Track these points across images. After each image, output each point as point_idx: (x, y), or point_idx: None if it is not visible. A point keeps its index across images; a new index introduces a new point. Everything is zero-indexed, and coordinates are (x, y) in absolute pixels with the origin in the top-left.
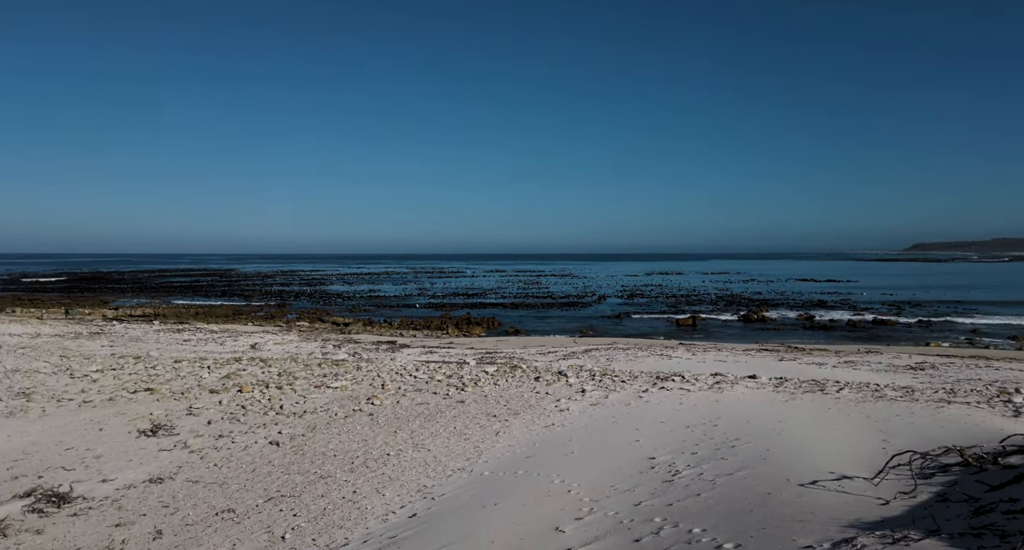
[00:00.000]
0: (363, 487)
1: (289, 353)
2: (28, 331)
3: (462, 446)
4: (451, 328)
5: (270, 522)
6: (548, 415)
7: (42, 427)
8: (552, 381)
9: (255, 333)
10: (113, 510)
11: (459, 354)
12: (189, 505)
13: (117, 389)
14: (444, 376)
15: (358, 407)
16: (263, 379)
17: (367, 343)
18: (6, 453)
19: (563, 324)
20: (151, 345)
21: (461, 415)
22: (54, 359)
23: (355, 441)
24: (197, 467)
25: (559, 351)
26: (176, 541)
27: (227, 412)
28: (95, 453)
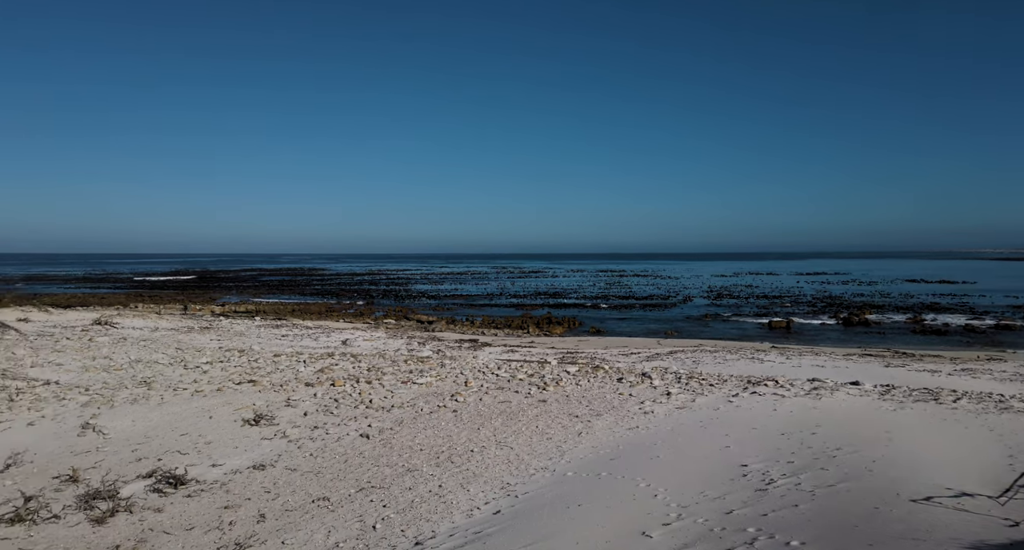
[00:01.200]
0: (448, 482)
1: (377, 349)
2: (148, 325)
3: (544, 445)
4: (532, 327)
5: (362, 511)
6: (632, 417)
7: (160, 413)
8: (635, 383)
9: (346, 330)
10: (222, 493)
11: (540, 353)
12: (288, 492)
13: (224, 380)
14: (526, 375)
15: (442, 403)
16: (354, 374)
17: (450, 341)
18: (131, 436)
19: (646, 325)
20: (253, 340)
21: (543, 414)
22: (170, 351)
23: (440, 436)
24: (295, 456)
25: (642, 352)
26: (277, 525)
27: (321, 404)
28: (206, 439)
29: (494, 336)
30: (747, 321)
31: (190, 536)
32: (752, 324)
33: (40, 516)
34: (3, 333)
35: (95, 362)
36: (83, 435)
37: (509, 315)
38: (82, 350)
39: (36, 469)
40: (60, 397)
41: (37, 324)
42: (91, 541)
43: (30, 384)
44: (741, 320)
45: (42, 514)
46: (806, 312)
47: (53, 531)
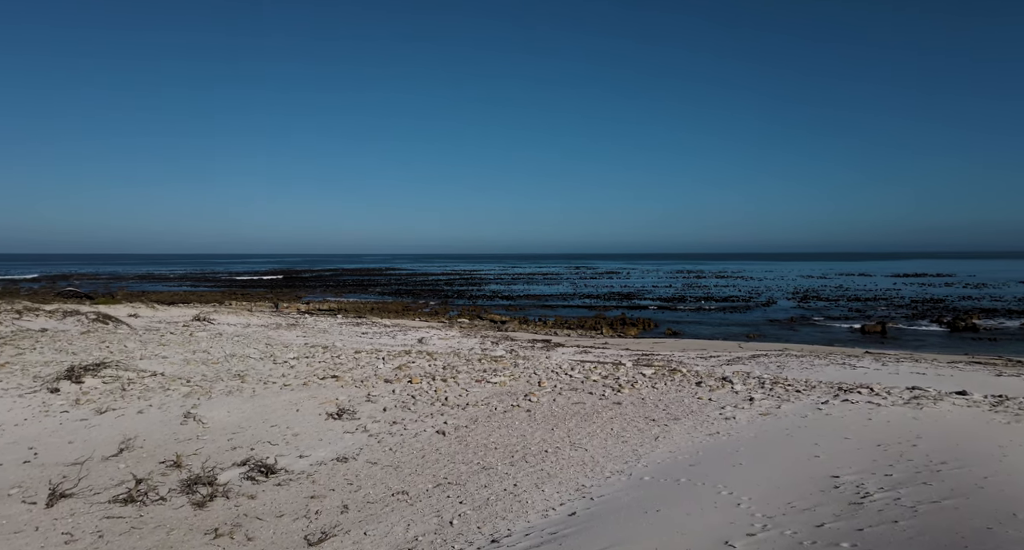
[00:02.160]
0: (523, 481)
1: (452, 348)
2: (241, 321)
3: (620, 448)
4: (605, 328)
5: (439, 507)
6: (712, 423)
7: (253, 405)
8: (715, 387)
9: (421, 328)
10: (308, 483)
11: (614, 355)
12: (369, 484)
13: (309, 375)
14: (600, 376)
15: (516, 403)
16: (430, 371)
17: (523, 341)
18: (227, 426)
19: (726, 328)
20: (335, 336)
21: (618, 417)
22: (260, 347)
23: (514, 436)
24: (375, 450)
25: (722, 356)
26: (360, 516)
27: (399, 401)
28: (293, 431)
29: (567, 337)
30: (837, 325)
31: (280, 523)
32: (842, 328)
33: (149, 498)
34: (116, 328)
35: (195, 355)
36: (185, 424)
37: (582, 316)
38: (183, 344)
39: (145, 454)
40: (165, 388)
41: (144, 319)
42: (193, 523)
43: (139, 375)
44: (830, 324)
45: (151, 496)
46: (904, 316)
47: (160, 512)
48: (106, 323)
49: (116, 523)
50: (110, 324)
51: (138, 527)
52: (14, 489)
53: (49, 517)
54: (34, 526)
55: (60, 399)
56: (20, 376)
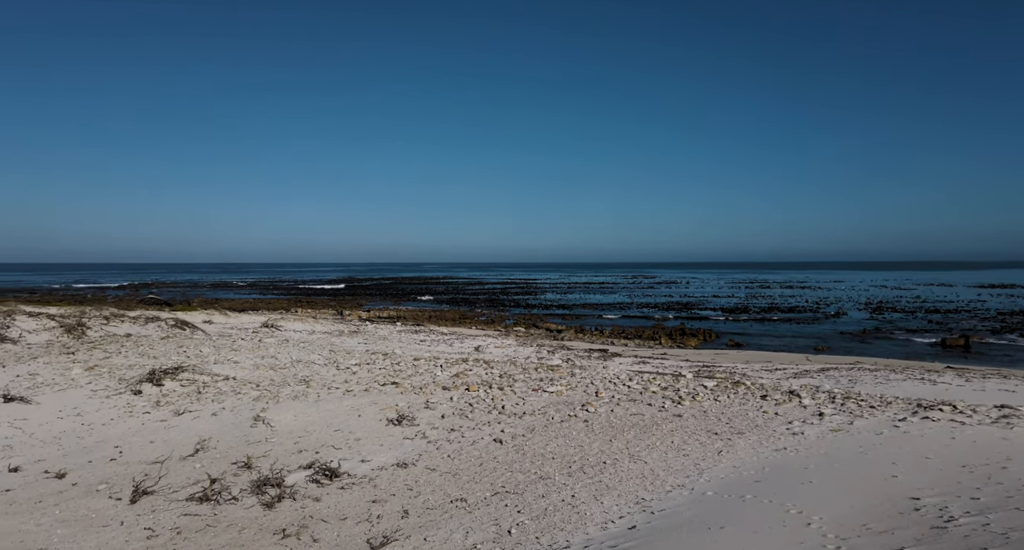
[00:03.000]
0: (581, 492)
1: (508, 356)
2: (306, 328)
3: (681, 462)
4: (664, 338)
5: (497, 515)
6: (778, 438)
7: (317, 410)
8: (782, 401)
9: (478, 336)
10: (370, 488)
11: (673, 366)
12: (428, 490)
13: (370, 381)
14: (659, 388)
15: (573, 413)
16: (487, 380)
17: (579, 350)
18: (294, 430)
19: (792, 339)
20: (395, 344)
21: (678, 429)
22: (324, 353)
23: (572, 446)
24: (434, 456)
25: (788, 369)
26: (419, 522)
27: (457, 408)
28: (355, 436)
29: (624, 347)
30: (914, 338)
31: (343, 526)
32: (921, 342)
33: (222, 497)
34: (192, 333)
35: (263, 361)
36: (255, 426)
37: (640, 326)
38: (253, 350)
39: (218, 454)
40: (236, 391)
41: (217, 326)
42: (262, 523)
43: (213, 379)
44: (907, 337)
45: (224, 495)
46: (991, 329)
47: (232, 511)
48: (183, 329)
49: (192, 521)
50: (187, 330)
51: (212, 525)
52: (102, 485)
53: (133, 513)
54: (119, 521)
55: (142, 401)
56: (107, 378)
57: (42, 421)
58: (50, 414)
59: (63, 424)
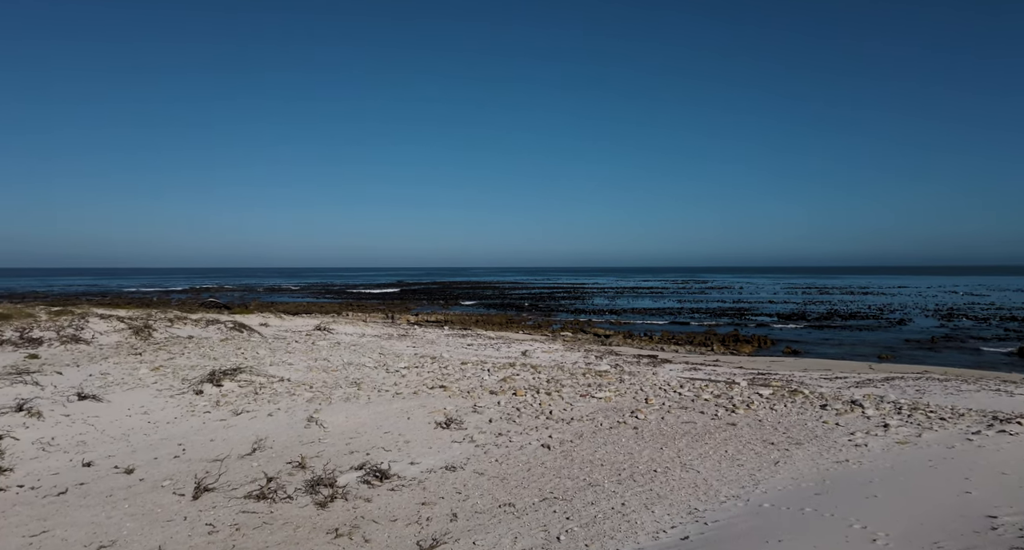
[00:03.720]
0: (631, 500)
1: (555, 361)
2: (357, 331)
3: (735, 472)
4: (716, 344)
5: (546, 521)
6: (840, 449)
7: (368, 412)
8: (843, 411)
9: (525, 341)
10: (419, 490)
11: (726, 373)
12: (477, 494)
13: (419, 384)
14: (711, 395)
15: (622, 419)
16: (534, 384)
17: (628, 356)
18: (345, 431)
19: (853, 347)
20: (443, 348)
21: (732, 438)
22: (374, 356)
23: (621, 453)
24: (482, 460)
25: (849, 377)
26: (468, 525)
27: (504, 412)
28: (405, 438)
29: (674, 352)
30: (989, 347)
31: (394, 527)
32: (996, 351)
33: (278, 496)
34: (249, 336)
35: (316, 363)
36: (308, 427)
37: (691, 331)
38: (306, 352)
39: (274, 454)
40: (291, 393)
41: (273, 328)
42: (316, 522)
43: (269, 380)
44: (980, 345)
45: (279, 494)
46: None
47: (287, 510)
48: (241, 331)
49: (250, 518)
50: (244, 332)
51: (269, 523)
52: (167, 481)
53: (195, 508)
54: (183, 516)
55: (203, 400)
56: (171, 378)
57: (112, 418)
58: (120, 412)
59: (131, 422)
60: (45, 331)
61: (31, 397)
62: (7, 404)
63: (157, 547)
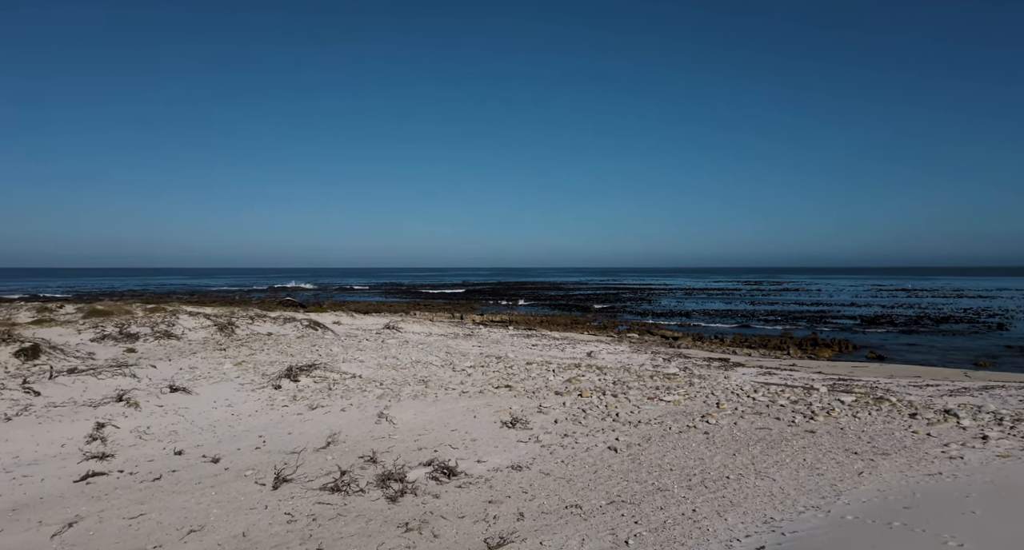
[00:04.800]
0: (702, 507)
1: (621, 363)
2: (424, 330)
3: (815, 481)
4: (792, 348)
5: (613, 524)
6: (932, 461)
7: (435, 410)
8: (935, 421)
9: (590, 342)
10: (486, 488)
11: (804, 378)
12: (543, 495)
13: (484, 384)
14: (788, 401)
15: (692, 423)
16: (599, 386)
17: (697, 359)
18: (414, 428)
19: (946, 353)
20: (507, 347)
21: (811, 446)
22: (441, 355)
23: (691, 458)
24: (547, 461)
25: (942, 385)
26: (535, 525)
27: (570, 414)
28: (471, 436)
29: (747, 356)
30: None
31: (461, 524)
32: None
33: (351, 489)
34: (323, 333)
35: (386, 361)
36: (379, 423)
37: (765, 334)
38: (376, 350)
39: (347, 448)
40: (362, 389)
41: (345, 327)
42: (387, 516)
43: (342, 376)
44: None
45: (352, 487)
46: None
47: (359, 503)
48: (315, 329)
49: (325, 509)
50: (318, 330)
51: (343, 514)
52: (249, 471)
53: (275, 498)
54: (264, 504)
55: (281, 395)
56: (252, 373)
57: (200, 410)
58: (206, 404)
59: (217, 413)
60: (141, 327)
61: (129, 388)
62: (109, 395)
63: (241, 533)
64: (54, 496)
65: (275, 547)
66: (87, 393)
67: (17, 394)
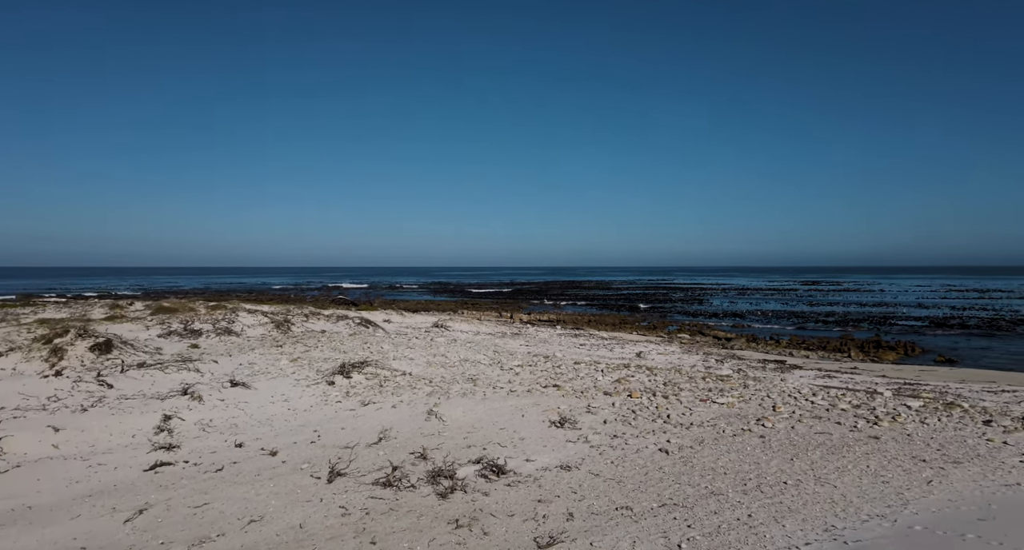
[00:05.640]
0: (759, 512)
1: (672, 364)
2: (471, 329)
3: (879, 489)
4: (853, 350)
5: (665, 527)
6: (1009, 471)
7: (484, 408)
8: (1013, 428)
9: (639, 342)
10: (535, 487)
11: (866, 381)
12: (593, 495)
13: (532, 383)
14: (849, 405)
15: (747, 427)
16: (649, 387)
17: (752, 360)
18: (463, 425)
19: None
20: (555, 347)
21: (875, 453)
22: (489, 353)
23: (746, 462)
24: (596, 461)
25: (1019, 391)
26: (585, 526)
27: (619, 414)
28: (519, 435)
29: (805, 358)
30: None
31: (511, 522)
32: None
33: (402, 484)
34: (374, 331)
35: (435, 359)
36: (428, 420)
37: (823, 336)
38: (425, 348)
39: (398, 444)
40: (412, 386)
41: (395, 325)
42: (437, 512)
43: (392, 373)
44: None
45: (403, 482)
46: None
47: (410, 498)
48: (366, 327)
49: (378, 503)
50: (369, 328)
51: (394, 509)
52: (305, 464)
53: (329, 491)
54: (319, 497)
55: (335, 391)
56: (307, 369)
57: (259, 404)
58: (264, 399)
59: (274, 408)
60: (204, 324)
61: (193, 382)
62: (175, 388)
63: (299, 524)
64: (126, 484)
65: (330, 539)
66: (155, 386)
67: (92, 386)
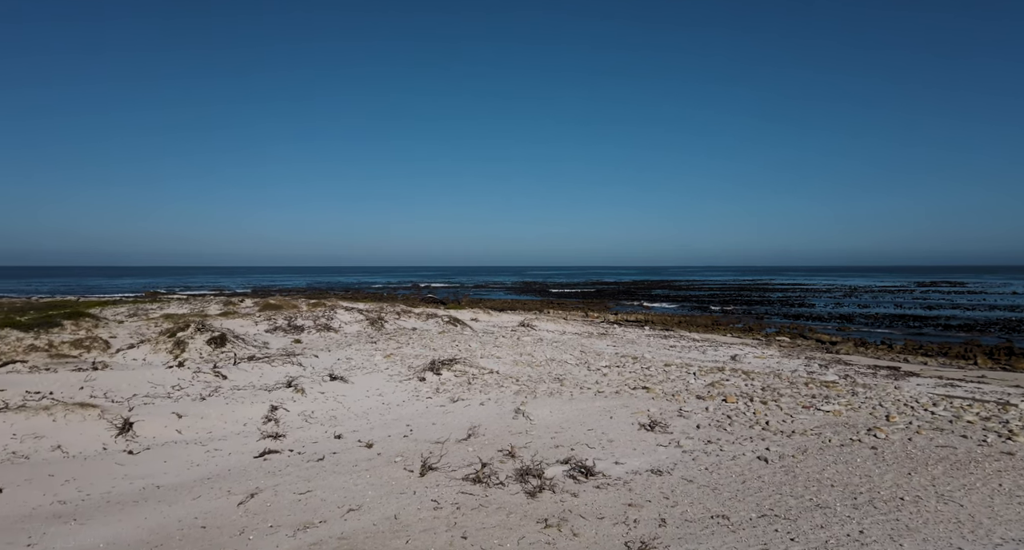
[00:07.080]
0: (871, 529)
1: (770, 368)
2: (557, 328)
3: (1014, 510)
4: (980, 357)
5: (765, 539)
6: None
7: (571, 408)
8: None
9: (734, 345)
10: (625, 491)
11: (996, 391)
12: (686, 502)
13: (620, 384)
14: (977, 416)
15: (856, 437)
16: (746, 392)
17: (860, 366)
18: (550, 425)
19: None
20: (644, 348)
21: (1008, 470)
22: (576, 353)
23: (855, 474)
24: (690, 467)
25: None
26: (678, 533)
27: (713, 419)
28: (608, 437)
29: (922, 365)
30: None
31: (601, 525)
32: None
33: (491, 481)
34: (462, 330)
35: (521, 358)
36: (516, 418)
37: (943, 341)
38: (512, 347)
39: (486, 441)
40: (499, 384)
41: (482, 323)
42: (526, 510)
43: (480, 371)
44: None
45: (492, 479)
46: None
47: (500, 495)
48: (455, 325)
49: (468, 499)
50: (457, 326)
51: (484, 505)
52: (398, 458)
53: (421, 485)
54: (412, 490)
55: (426, 387)
56: (399, 365)
57: (355, 398)
58: (360, 392)
59: (369, 402)
60: (305, 320)
61: (297, 376)
62: (280, 381)
63: (393, 515)
64: (238, 469)
65: (423, 531)
66: (263, 378)
67: (210, 377)
